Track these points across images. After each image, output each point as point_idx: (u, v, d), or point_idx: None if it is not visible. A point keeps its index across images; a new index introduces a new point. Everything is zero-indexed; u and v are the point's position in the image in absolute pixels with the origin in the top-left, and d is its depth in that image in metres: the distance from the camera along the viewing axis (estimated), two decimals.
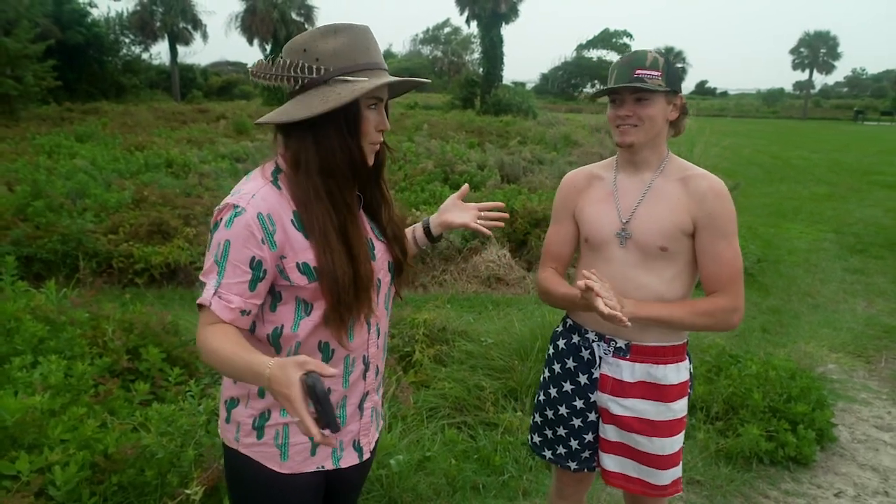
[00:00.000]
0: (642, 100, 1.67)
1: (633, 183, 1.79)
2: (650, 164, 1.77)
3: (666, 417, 1.78)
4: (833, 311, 5.79)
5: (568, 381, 1.90)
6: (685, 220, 1.70)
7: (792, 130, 35.88)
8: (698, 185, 1.71)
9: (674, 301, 1.73)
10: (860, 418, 3.72)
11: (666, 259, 1.72)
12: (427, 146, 12.61)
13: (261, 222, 1.20)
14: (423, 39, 73.28)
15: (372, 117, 1.26)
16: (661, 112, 1.69)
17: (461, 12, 35.05)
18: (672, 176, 1.75)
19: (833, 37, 63.45)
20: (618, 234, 1.77)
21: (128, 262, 5.78)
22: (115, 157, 10.34)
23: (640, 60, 1.66)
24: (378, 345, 1.42)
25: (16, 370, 2.44)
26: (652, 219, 1.72)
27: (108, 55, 31.59)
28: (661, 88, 1.65)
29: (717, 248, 1.68)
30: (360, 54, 1.23)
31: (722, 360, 3.78)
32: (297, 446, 1.34)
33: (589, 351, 1.85)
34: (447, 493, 2.69)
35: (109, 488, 2.00)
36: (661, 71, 1.66)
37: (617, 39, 63.36)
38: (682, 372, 1.80)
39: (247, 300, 1.22)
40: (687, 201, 1.70)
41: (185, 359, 3.26)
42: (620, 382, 1.79)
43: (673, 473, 1.82)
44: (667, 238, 1.70)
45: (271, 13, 34.81)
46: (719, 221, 1.68)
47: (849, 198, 12.29)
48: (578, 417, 1.90)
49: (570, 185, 1.93)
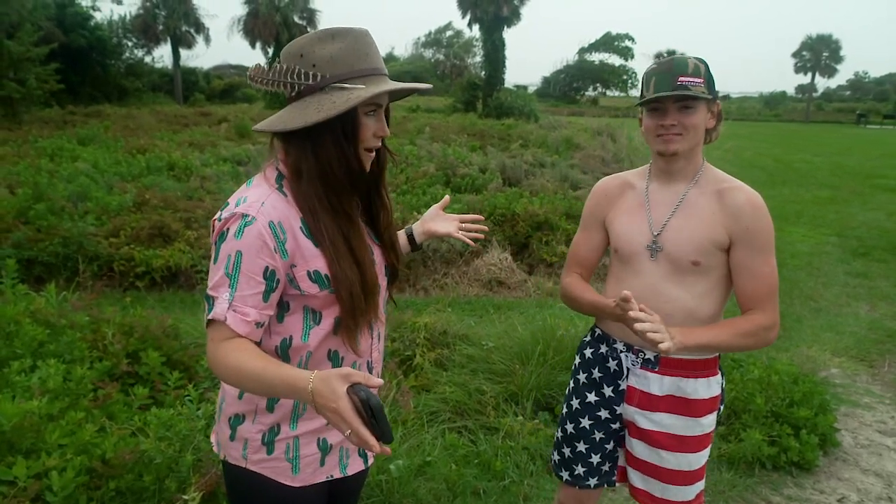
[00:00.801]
0: (688, 108, 1.62)
1: (666, 194, 1.74)
2: (686, 174, 1.72)
3: (694, 433, 1.74)
4: (836, 314, 5.77)
5: (593, 391, 1.86)
6: (720, 235, 1.65)
7: (794, 134, 35.83)
8: (735, 198, 1.65)
9: (707, 318, 1.69)
10: (863, 423, 3.70)
11: (698, 274, 1.68)
12: (429, 149, 12.61)
13: (273, 231, 1.18)
14: (426, 43, 73.36)
15: (370, 124, 1.24)
16: (703, 120, 1.65)
17: (463, 16, 35.10)
18: (707, 188, 1.70)
19: (835, 40, 63.41)
20: (648, 246, 1.72)
21: (129, 266, 5.78)
22: (117, 160, 10.35)
23: (683, 67, 1.60)
24: (379, 349, 1.43)
25: (15, 374, 2.43)
26: (684, 232, 1.68)
27: (111, 58, 31.66)
28: (705, 96, 1.60)
29: (754, 263, 1.64)
30: (358, 60, 1.20)
31: (723, 364, 3.76)
32: (307, 458, 1.32)
33: (616, 362, 1.81)
34: (447, 499, 2.68)
35: (107, 494, 1.99)
36: (703, 78, 1.61)
37: (619, 43, 63.33)
38: (713, 386, 1.75)
39: (262, 311, 1.19)
40: (722, 215, 1.65)
41: (185, 362, 3.25)
42: (648, 395, 1.75)
43: (697, 488, 1.79)
44: (700, 252, 1.66)
45: (273, 17, 34.90)
46: (757, 236, 1.63)
47: (851, 201, 12.26)
48: (601, 430, 1.85)
49: (601, 193, 1.89)
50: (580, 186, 9.92)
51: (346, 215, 1.26)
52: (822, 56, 63.39)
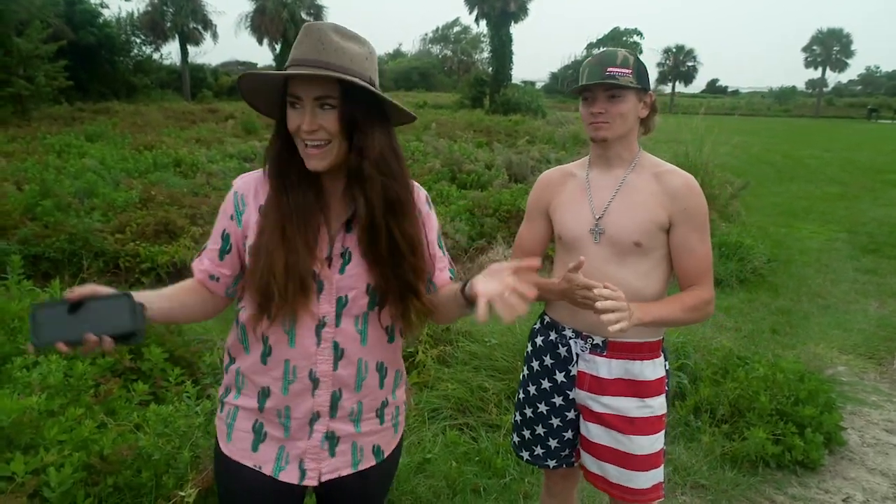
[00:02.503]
0: (615, 97, 1.70)
1: (606, 179, 1.81)
2: (622, 160, 1.80)
3: (644, 414, 1.78)
4: (844, 311, 5.72)
5: (546, 378, 1.91)
6: (660, 215, 1.72)
7: (804, 129, 35.58)
8: (672, 181, 1.73)
9: (652, 296, 1.75)
10: (870, 422, 3.66)
11: (640, 254, 1.74)
12: (435, 145, 12.62)
13: (234, 200, 1.34)
14: (433, 39, 73.34)
15: (292, 116, 1.23)
16: (632, 109, 1.73)
17: (470, 11, 35.10)
18: (644, 172, 1.78)
19: (846, 34, 62.95)
20: (591, 230, 1.78)
21: (134, 262, 5.80)
22: (124, 156, 10.41)
23: (611, 59, 1.70)
24: (331, 363, 1.32)
25: (17, 370, 2.44)
26: (625, 214, 1.74)
27: (120, 55, 31.78)
28: (632, 85, 1.69)
29: (692, 242, 1.72)
30: (292, 51, 1.25)
31: (729, 362, 3.74)
32: (239, 432, 1.37)
33: (566, 348, 1.86)
34: (447, 496, 2.67)
35: (105, 490, 1.99)
36: (632, 69, 1.70)
37: (627, 38, 63.00)
38: (658, 368, 1.81)
39: (216, 267, 1.35)
40: (661, 197, 1.73)
41: (187, 359, 3.25)
42: (598, 379, 1.80)
43: (653, 476, 1.81)
44: (641, 233, 1.72)
45: (281, 13, 34.99)
46: (695, 216, 1.72)
47: (862, 197, 12.16)
48: (557, 416, 1.91)
49: (544, 184, 1.95)
50: None
51: (279, 197, 1.28)
52: (832, 50, 62.92)
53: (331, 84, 1.20)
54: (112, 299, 1.16)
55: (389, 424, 1.45)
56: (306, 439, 1.34)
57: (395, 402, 1.46)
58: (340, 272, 1.30)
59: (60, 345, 1.10)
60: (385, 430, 1.44)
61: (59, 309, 1.13)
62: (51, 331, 1.11)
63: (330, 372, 1.32)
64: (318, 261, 1.28)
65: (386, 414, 1.43)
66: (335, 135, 1.22)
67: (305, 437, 1.34)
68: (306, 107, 1.21)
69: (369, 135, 1.24)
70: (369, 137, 1.24)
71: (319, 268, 1.28)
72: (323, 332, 1.31)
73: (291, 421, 1.34)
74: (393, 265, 1.30)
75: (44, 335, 1.10)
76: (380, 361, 1.39)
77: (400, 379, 1.48)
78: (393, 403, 1.45)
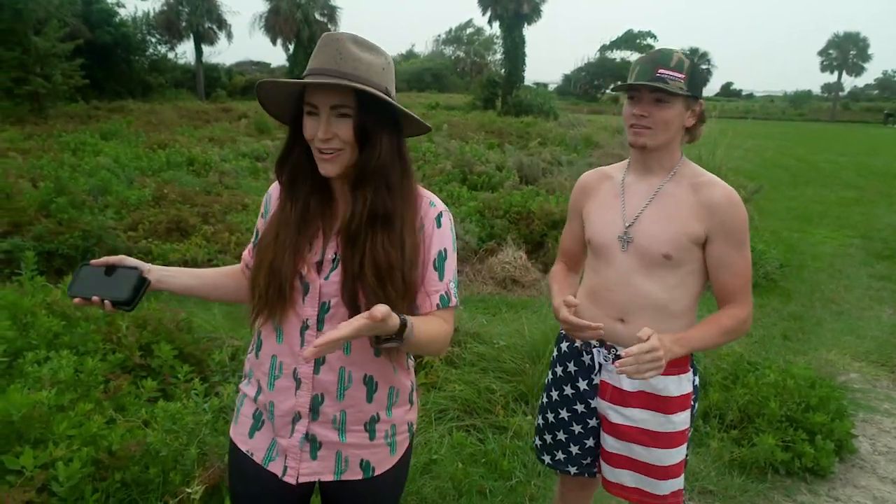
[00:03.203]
0: (661, 101, 1.61)
1: (642, 186, 1.74)
2: (662, 167, 1.72)
3: (666, 429, 1.73)
4: (857, 318, 5.65)
5: (569, 384, 1.88)
6: (696, 229, 1.64)
7: (819, 133, 35.23)
8: (711, 193, 1.64)
9: (680, 311, 1.70)
10: (882, 429, 3.62)
11: (669, 267, 1.67)
12: (446, 146, 12.62)
13: (266, 199, 1.46)
14: (446, 40, 73.41)
15: (308, 124, 1.25)
16: (677, 117, 1.63)
17: (484, 13, 35.06)
18: (683, 181, 1.70)
19: (863, 38, 62.34)
20: (620, 237, 1.72)
21: (146, 259, 5.82)
22: (138, 154, 10.50)
23: (665, 59, 1.60)
24: (312, 366, 1.31)
25: (28, 365, 2.46)
26: (657, 224, 1.67)
27: (135, 54, 32.08)
28: (682, 92, 1.59)
29: (731, 258, 1.64)
30: (309, 61, 1.27)
31: (739, 367, 3.71)
32: (243, 417, 1.45)
33: (590, 356, 1.82)
34: (453, 497, 2.66)
35: (112, 485, 2.01)
36: (685, 74, 1.60)
37: (641, 40, 62.84)
38: (683, 384, 1.74)
39: (250, 257, 1.47)
40: (698, 209, 1.64)
41: (196, 356, 3.28)
42: (620, 391, 1.75)
43: (672, 484, 1.78)
44: (672, 245, 1.65)
45: (295, 13, 35.15)
46: (734, 231, 1.63)
47: (877, 202, 12.02)
48: (579, 423, 1.87)
49: (581, 186, 1.91)
50: None
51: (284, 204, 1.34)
52: (849, 54, 62.33)
53: (347, 93, 1.22)
54: (128, 270, 1.36)
55: (382, 442, 1.40)
56: (288, 437, 1.36)
57: (389, 419, 1.39)
58: (325, 278, 1.30)
59: (77, 300, 1.33)
60: (376, 446, 1.39)
61: (97, 270, 1.36)
62: (79, 286, 1.35)
63: (311, 375, 1.33)
64: (308, 264, 1.30)
65: (377, 430, 1.38)
66: (349, 142, 1.24)
67: (287, 434, 1.36)
68: (322, 115, 1.23)
69: (377, 145, 1.25)
70: (376, 148, 1.25)
71: (308, 271, 1.30)
72: (306, 333, 1.32)
73: (275, 417, 1.36)
74: (357, 279, 1.25)
75: (74, 288, 1.35)
76: (367, 374, 1.34)
77: (398, 398, 1.41)
78: (387, 421, 1.39)
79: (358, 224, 1.26)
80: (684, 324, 1.72)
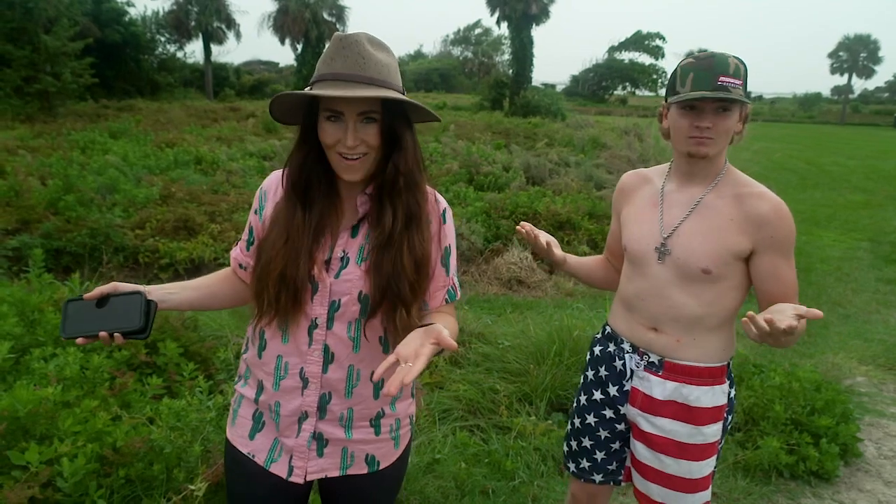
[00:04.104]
0: (725, 110, 1.54)
1: (682, 196, 1.67)
2: (706, 176, 1.65)
3: (696, 441, 1.67)
4: (864, 321, 5.62)
5: (599, 389, 1.84)
6: (740, 243, 1.58)
7: (828, 136, 35.04)
8: (758, 207, 1.57)
9: (714, 327, 1.64)
10: (888, 433, 3.59)
11: (707, 282, 1.61)
12: (453, 147, 12.62)
13: (259, 195, 1.41)
14: (454, 40, 73.41)
15: (330, 129, 1.22)
16: (735, 124, 1.58)
17: (492, 13, 35.08)
18: (726, 192, 1.62)
19: (874, 40, 61.98)
20: (657, 248, 1.66)
21: (153, 257, 5.89)
22: (146, 153, 10.55)
23: (724, 66, 1.50)
24: (321, 365, 1.32)
25: (35, 361, 2.48)
26: (697, 238, 1.61)
27: (144, 53, 32.31)
28: (744, 99, 1.52)
29: (781, 269, 1.58)
30: (323, 65, 1.22)
31: (744, 370, 3.69)
32: (241, 418, 1.42)
33: (622, 362, 1.78)
34: (455, 497, 2.67)
35: (117, 481, 2.02)
36: (742, 79, 1.53)
37: (649, 42, 62.59)
38: (717, 395, 1.68)
39: (244, 256, 1.43)
40: (744, 223, 1.57)
41: (202, 354, 3.29)
42: (650, 399, 1.70)
43: (700, 497, 1.73)
44: (712, 260, 1.59)
45: (303, 13, 35.25)
46: (783, 243, 1.57)
47: (886, 206, 11.96)
48: (606, 428, 1.83)
49: (621, 186, 1.88)
50: (604, 186, 9.83)
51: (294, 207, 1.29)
52: (859, 57, 61.98)
53: (374, 99, 1.20)
54: (128, 296, 1.26)
55: (387, 437, 1.41)
56: (294, 437, 1.35)
57: (393, 414, 1.41)
58: (336, 276, 1.29)
59: (80, 339, 1.22)
60: (382, 441, 1.41)
61: (87, 303, 1.24)
62: (74, 325, 1.23)
63: (319, 374, 1.32)
64: (317, 263, 1.28)
65: (382, 425, 1.40)
66: (374, 147, 1.24)
67: (293, 434, 1.35)
68: (349, 122, 1.21)
69: (405, 148, 1.26)
70: (405, 151, 1.26)
71: (317, 271, 1.28)
72: (314, 333, 1.30)
73: (280, 417, 1.35)
74: (393, 278, 1.27)
75: (68, 329, 1.23)
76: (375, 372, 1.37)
77: (401, 393, 1.42)
78: (391, 416, 1.41)
79: (398, 229, 1.28)
80: (721, 338, 1.66)
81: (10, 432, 2.00)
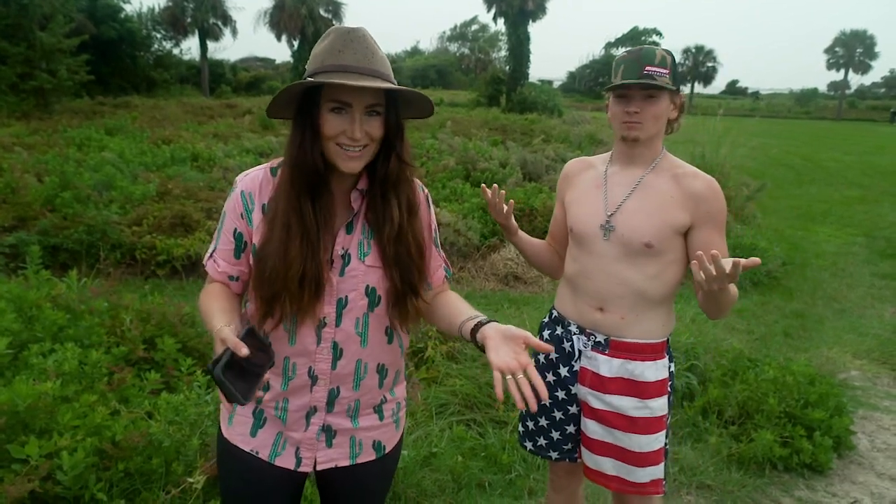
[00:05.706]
0: (651, 97, 1.69)
1: (624, 177, 1.81)
2: (645, 159, 1.79)
3: (643, 415, 1.79)
4: (859, 316, 5.66)
5: (550, 371, 1.93)
6: (679, 218, 1.71)
7: (824, 131, 35.11)
8: (694, 184, 1.72)
9: (658, 299, 1.77)
10: (881, 427, 3.63)
11: (650, 256, 1.73)
12: (450, 143, 12.61)
13: (242, 199, 1.34)
14: (451, 37, 73.31)
15: (334, 121, 1.22)
16: (665, 110, 1.72)
17: (489, 9, 34.99)
18: (664, 173, 1.77)
19: (870, 36, 62.02)
20: (602, 226, 1.79)
21: (150, 254, 5.88)
22: (143, 150, 10.51)
23: (650, 57, 1.67)
24: (330, 362, 1.33)
25: (34, 356, 2.50)
26: (638, 214, 1.74)
27: (140, 50, 32.15)
28: (669, 86, 1.67)
29: (716, 243, 1.70)
30: (329, 56, 1.21)
31: (739, 363, 3.72)
32: (240, 416, 1.41)
33: (570, 343, 1.87)
34: (452, 490, 2.69)
35: (116, 475, 2.04)
36: (669, 69, 1.68)
37: (646, 38, 62.51)
38: (660, 370, 1.80)
39: (233, 266, 1.37)
40: (682, 199, 1.71)
41: (199, 350, 3.30)
42: (599, 377, 1.82)
43: (652, 472, 1.82)
44: (654, 235, 1.71)
45: (299, 9, 35.16)
46: (717, 218, 1.71)
47: (882, 201, 11.99)
48: (560, 410, 1.93)
49: (565, 172, 2.00)
50: None
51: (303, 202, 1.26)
52: (855, 52, 62.04)
53: (379, 92, 1.23)
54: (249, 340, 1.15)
55: (390, 421, 1.47)
56: (302, 431, 1.37)
57: (393, 399, 1.47)
58: (340, 274, 1.31)
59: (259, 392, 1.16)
60: (386, 426, 1.46)
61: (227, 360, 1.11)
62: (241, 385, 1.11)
63: (328, 370, 1.34)
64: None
65: (385, 410, 1.45)
66: (376, 139, 1.26)
67: (302, 428, 1.37)
68: (356, 114, 1.22)
69: (404, 139, 1.30)
70: (404, 142, 1.30)
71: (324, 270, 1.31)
72: (323, 331, 1.32)
73: (288, 413, 1.36)
74: (401, 267, 1.32)
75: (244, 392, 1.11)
76: (380, 363, 1.40)
77: (399, 377, 1.49)
78: (392, 400, 1.47)
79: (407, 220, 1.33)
80: (661, 314, 1.79)
81: (10, 426, 2.01)
